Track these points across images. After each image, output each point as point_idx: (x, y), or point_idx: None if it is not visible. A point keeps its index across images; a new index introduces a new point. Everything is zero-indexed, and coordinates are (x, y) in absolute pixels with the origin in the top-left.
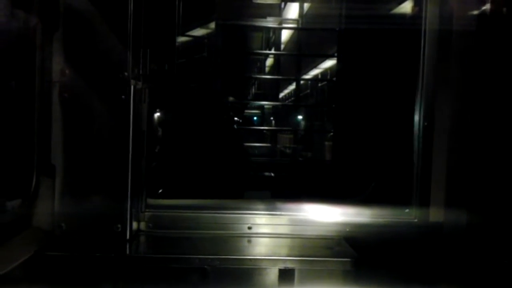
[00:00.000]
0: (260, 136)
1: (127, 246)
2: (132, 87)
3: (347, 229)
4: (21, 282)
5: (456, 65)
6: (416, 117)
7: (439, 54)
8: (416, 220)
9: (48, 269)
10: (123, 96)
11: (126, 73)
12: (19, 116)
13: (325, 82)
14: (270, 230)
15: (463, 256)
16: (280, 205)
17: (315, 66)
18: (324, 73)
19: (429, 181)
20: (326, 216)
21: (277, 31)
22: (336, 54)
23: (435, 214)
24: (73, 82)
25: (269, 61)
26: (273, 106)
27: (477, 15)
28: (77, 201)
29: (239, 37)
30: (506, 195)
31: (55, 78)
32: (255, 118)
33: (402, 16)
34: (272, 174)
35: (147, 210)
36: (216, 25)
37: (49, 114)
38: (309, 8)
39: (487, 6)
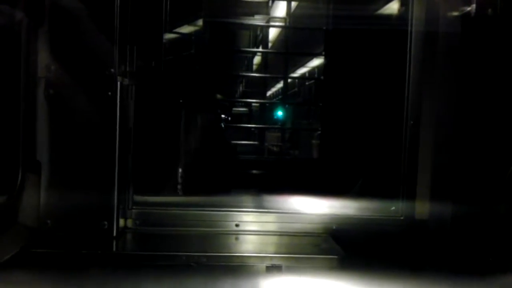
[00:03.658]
0: (247, 133)
1: (114, 243)
2: (118, 83)
3: (334, 227)
4: (7, 279)
5: (442, 65)
6: (403, 116)
7: (425, 54)
8: (402, 218)
9: (33, 266)
10: (109, 93)
11: (112, 70)
12: (4, 112)
13: (312, 81)
14: (258, 227)
15: (449, 253)
16: (267, 202)
17: (302, 64)
18: (311, 71)
19: (415, 178)
20: (313, 213)
21: (265, 29)
22: (323, 53)
23: (421, 211)
24: (58, 78)
25: (257, 59)
26: (260, 104)
27: (463, 16)
28: (63, 198)
29: (227, 35)
30: (491, 193)
31: (40, 74)
32: (242, 115)
33: (389, 16)
34: (260, 172)
35: (134, 207)
36: (204, 22)
37: (35, 110)
38: (297, 7)
39: (472, 7)
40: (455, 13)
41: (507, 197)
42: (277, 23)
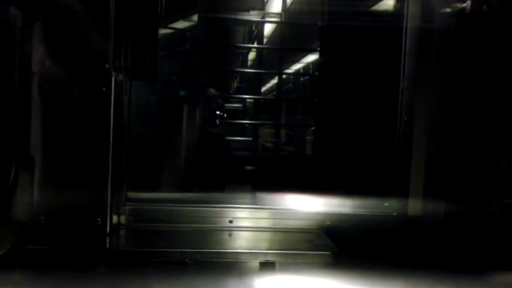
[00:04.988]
0: (241, 129)
1: (107, 240)
2: (113, 79)
3: (328, 223)
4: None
5: (436, 61)
6: (396, 112)
7: (420, 51)
8: (395, 214)
9: (27, 263)
10: (103, 89)
11: (107, 65)
12: None
13: (307, 77)
14: (251, 223)
15: (441, 250)
16: (261, 198)
17: (297, 60)
18: (306, 67)
19: (408, 175)
20: (306, 209)
21: (260, 24)
22: (318, 49)
23: (414, 208)
24: (53, 74)
25: (252, 55)
26: (255, 100)
27: (458, 12)
28: (57, 194)
29: (222, 30)
30: (484, 190)
31: (35, 69)
32: (236, 111)
33: (384, 13)
34: (254, 168)
35: (127, 203)
36: (199, 18)
37: (28, 106)
38: (292, 3)
39: (467, 4)
40: (450, 10)
41: (500, 194)
42: (272, 19)
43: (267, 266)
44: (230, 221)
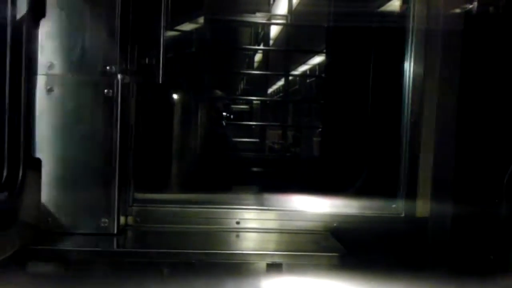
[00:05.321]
0: (248, 131)
1: (115, 241)
2: (119, 81)
3: (335, 224)
4: (7, 277)
5: (443, 62)
6: (404, 114)
7: (426, 52)
8: (403, 215)
9: (34, 264)
10: (110, 90)
11: (113, 67)
12: (4, 109)
13: (313, 78)
14: (258, 224)
15: (449, 251)
16: (268, 199)
17: (304, 62)
18: (313, 69)
19: (416, 176)
20: (314, 211)
21: (266, 26)
22: (325, 51)
23: (422, 209)
24: (59, 75)
25: (258, 57)
26: (261, 102)
27: (465, 14)
28: (64, 195)
29: (228, 32)
30: (492, 192)
31: (41, 71)
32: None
33: (391, 13)
34: (261, 169)
35: (134, 204)
36: (205, 19)
37: (35, 107)
38: (298, 5)
39: (474, 5)
40: (457, 11)
41: (508, 196)
42: (278, 21)
43: (274, 267)
44: (237, 222)
